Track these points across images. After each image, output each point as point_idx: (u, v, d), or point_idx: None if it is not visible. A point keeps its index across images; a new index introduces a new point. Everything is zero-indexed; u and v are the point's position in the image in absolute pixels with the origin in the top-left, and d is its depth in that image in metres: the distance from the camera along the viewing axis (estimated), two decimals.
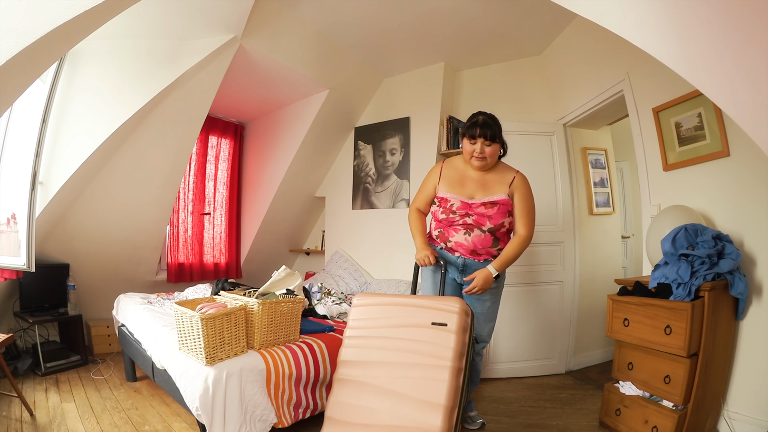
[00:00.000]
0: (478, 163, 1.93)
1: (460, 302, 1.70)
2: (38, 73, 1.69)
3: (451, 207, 1.97)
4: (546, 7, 2.60)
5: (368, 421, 1.61)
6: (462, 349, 1.66)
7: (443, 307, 1.70)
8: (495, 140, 1.92)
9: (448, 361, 1.60)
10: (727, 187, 1.93)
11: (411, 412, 1.56)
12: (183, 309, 1.79)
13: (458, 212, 1.95)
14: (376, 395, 1.64)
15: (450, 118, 3.40)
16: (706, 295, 1.69)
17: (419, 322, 1.70)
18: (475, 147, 1.92)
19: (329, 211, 4.30)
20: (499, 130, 1.95)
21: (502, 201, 1.93)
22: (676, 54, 1.08)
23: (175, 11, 2.45)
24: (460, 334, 1.65)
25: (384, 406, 1.61)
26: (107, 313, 3.07)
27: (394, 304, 1.79)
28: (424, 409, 1.55)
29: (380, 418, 1.60)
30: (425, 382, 1.60)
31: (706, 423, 1.79)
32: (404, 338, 1.70)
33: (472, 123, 1.94)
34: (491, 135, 1.90)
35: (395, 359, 1.68)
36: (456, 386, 1.59)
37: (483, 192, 1.96)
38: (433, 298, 1.77)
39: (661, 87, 2.23)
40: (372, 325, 1.78)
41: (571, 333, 3.02)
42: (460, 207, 1.95)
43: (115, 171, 2.98)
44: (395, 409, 1.59)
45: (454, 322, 1.65)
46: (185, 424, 2.07)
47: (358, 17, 2.89)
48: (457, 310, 1.67)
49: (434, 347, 1.64)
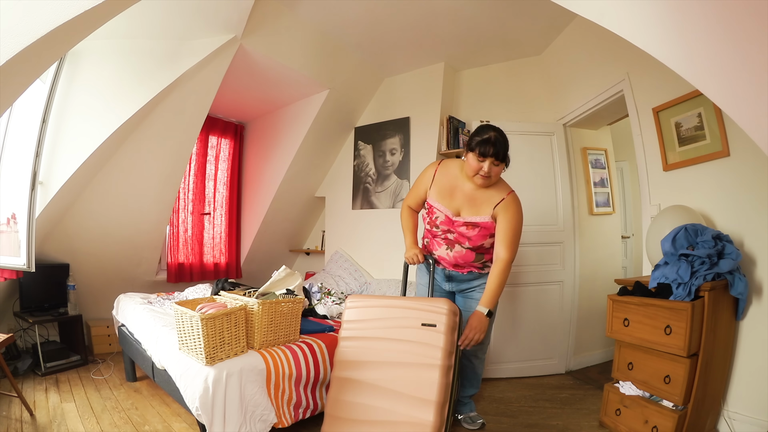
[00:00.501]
0: (482, 181, 1.85)
1: (448, 303, 1.76)
2: (38, 73, 1.69)
3: (435, 220, 1.95)
4: (546, 7, 2.60)
5: (366, 418, 1.72)
6: (450, 348, 1.74)
7: (432, 308, 1.77)
8: (504, 160, 1.84)
9: (438, 360, 1.69)
10: (727, 187, 1.93)
11: (405, 408, 1.67)
12: (183, 309, 1.79)
13: (441, 227, 1.94)
14: (373, 393, 1.74)
15: (450, 118, 3.40)
16: (706, 295, 1.69)
17: (410, 323, 1.78)
18: (483, 165, 1.81)
19: (329, 211, 4.30)
20: (508, 150, 1.85)
21: (484, 224, 1.89)
22: (676, 54, 1.08)
23: (175, 11, 2.45)
24: (448, 334, 1.72)
25: (380, 403, 1.72)
26: (107, 313, 3.07)
27: (385, 305, 1.87)
28: (417, 405, 1.66)
29: (377, 414, 1.71)
30: (417, 380, 1.69)
31: (706, 423, 1.79)
32: (396, 338, 1.79)
33: (483, 140, 1.80)
34: (503, 155, 1.82)
35: (389, 359, 1.78)
36: (446, 383, 1.68)
37: (469, 209, 1.91)
38: (423, 300, 1.84)
39: (661, 87, 2.23)
40: (366, 326, 1.86)
41: (571, 333, 3.02)
42: (443, 222, 1.93)
43: (115, 171, 2.98)
44: (391, 406, 1.70)
45: (443, 322, 1.73)
46: (185, 424, 2.07)
47: (358, 17, 2.89)
48: (445, 311, 1.74)
49: (424, 347, 1.73)
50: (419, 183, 2.05)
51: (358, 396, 1.76)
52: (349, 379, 1.80)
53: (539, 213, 2.96)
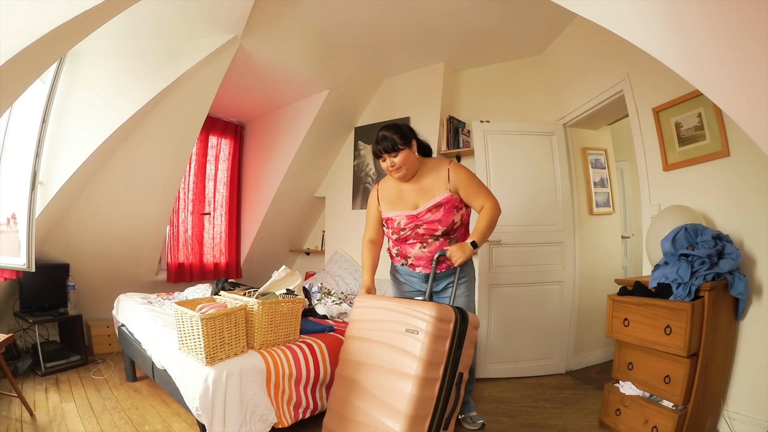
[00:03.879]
0: (398, 174, 1.90)
1: (435, 308, 1.61)
2: (38, 73, 1.69)
3: (398, 226, 1.94)
4: (546, 7, 2.61)
5: (354, 417, 1.71)
6: (433, 358, 1.58)
7: (416, 313, 1.64)
8: (397, 148, 1.85)
9: (412, 370, 1.57)
10: (727, 187, 1.93)
11: (379, 414, 1.63)
12: (183, 309, 1.79)
13: (407, 228, 1.92)
14: (361, 393, 1.73)
15: (450, 118, 3.40)
16: (706, 295, 1.69)
17: (395, 327, 1.70)
18: (386, 163, 1.90)
19: (329, 211, 4.30)
20: (403, 135, 1.87)
21: (445, 200, 1.88)
22: (676, 53, 1.08)
23: (175, 11, 2.45)
24: (431, 343, 1.58)
25: (364, 404, 1.70)
26: (107, 313, 3.07)
27: (380, 307, 1.82)
28: (389, 413, 1.59)
29: (361, 415, 1.69)
30: (393, 387, 1.62)
31: (706, 423, 1.79)
32: (381, 342, 1.74)
33: (374, 143, 1.92)
34: (390, 146, 1.85)
35: (373, 362, 1.74)
36: (420, 396, 1.55)
37: (424, 198, 1.91)
38: (411, 303, 1.71)
39: (661, 87, 2.23)
40: (362, 327, 1.85)
41: (571, 333, 3.02)
42: (407, 222, 1.92)
43: (115, 171, 2.98)
44: (370, 409, 1.66)
45: (423, 329, 1.59)
46: (185, 424, 2.07)
47: (358, 17, 2.89)
48: (427, 317, 1.59)
49: (403, 354, 1.63)
50: (369, 209, 2.09)
51: (348, 394, 1.78)
52: (345, 376, 1.83)
53: (539, 213, 2.96)
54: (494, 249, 2.92)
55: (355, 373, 1.79)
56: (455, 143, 3.38)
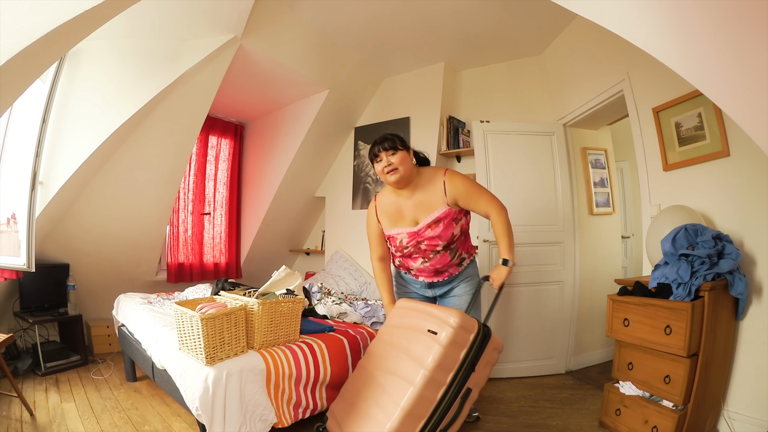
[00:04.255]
0: (394, 176, 1.85)
1: (459, 315, 1.65)
2: (38, 73, 1.69)
3: (401, 244, 1.94)
4: (546, 7, 2.61)
5: (360, 406, 1.76)
6: (446, 363, 1.60)
7: (441, 316, 1.69)
8: (397, 148, 1.86)
9: (423, 368, 1.59)
10: (727, 187, 1.93)
11: (383, 406, 1.66)
12: (183, 309, 1.79)
13: (410, 245, 1.93)
14: (373, 386, 1.77)
15: (450, 118, 3.40)
16: (706, 295, 1.69)
17: (419, 326, 1.75)
18: (382, 163, 1.87)
19: (329, 211, 4.30)
20: (402, 140, 1.90)
21: (443, 214, 1.86)
22: (676, 53, 1.08)
23: (175, 11, 2.45)
24: (448, 347, 1.60)
25: (373, 396, 1.74)
26: (107, 313, 3.07)
27: (411, 308, 1.89)
28: (389, 405, 1.62)
29: (366, 405, 1.74)
30: (399, 380, 1.66)
31: (706, 423, 1.79)
32: (403, 339, 1.79)
33: (372, 146, 1.92)
34: (391, 145, 1.86)
35: (390, 355, 1.80)
36: (422, 395, 1.57)
37: (423, 213, 1.90)
38: (438, 308, 1.76)
39: (661, 87, 2.23)
40: (390, 324, 1.94)
41: (571, 333, 3.02)
42: (409, 240, 1.92)
43: (115, 171, 2.98)
44: (378, 401, 1.70)
45: (444, 334, 1.62)
46: (185, 424, 2.07)
47: (358, 17, 2.89)
48: (451, 323, 1.63)
49: (418, 353, 1.66)
50: (370, 227, 2.07)
51: (362, 384, 1.83)
52: (362, 366, 1.91)
53: (539, 213, 2.97)
54: (494, 249, 2.92)
55: (370, 364, 1.86)
56: (455, 143, 3.38)
